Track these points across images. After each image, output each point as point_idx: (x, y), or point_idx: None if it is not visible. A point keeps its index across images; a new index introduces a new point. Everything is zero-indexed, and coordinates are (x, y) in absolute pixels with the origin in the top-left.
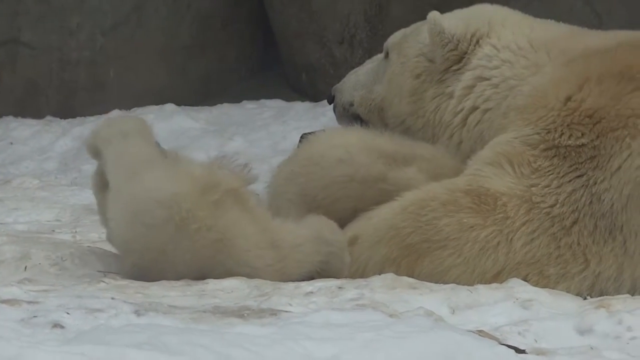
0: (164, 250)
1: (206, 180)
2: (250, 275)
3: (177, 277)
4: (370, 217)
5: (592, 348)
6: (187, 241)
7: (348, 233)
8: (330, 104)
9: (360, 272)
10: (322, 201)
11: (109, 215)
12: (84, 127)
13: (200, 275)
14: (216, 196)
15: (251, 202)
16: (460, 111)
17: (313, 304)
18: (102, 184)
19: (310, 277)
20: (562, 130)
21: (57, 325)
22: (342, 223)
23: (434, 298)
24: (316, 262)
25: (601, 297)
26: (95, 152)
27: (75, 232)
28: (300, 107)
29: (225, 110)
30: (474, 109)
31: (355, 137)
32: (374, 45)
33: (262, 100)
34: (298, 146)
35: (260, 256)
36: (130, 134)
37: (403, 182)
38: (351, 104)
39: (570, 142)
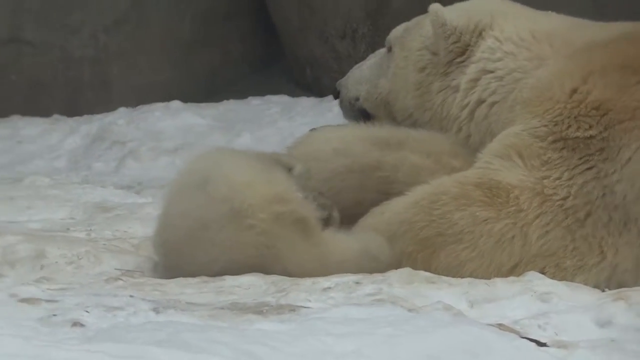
0: (208, 227)
1: (281, 192)
2: None
3: (205, 264)
4: (382, 212)
5: (613, 340)
6: (234, 230)
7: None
8: (335, 99)
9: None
10: (325, 194)
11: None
12: (91, 125)
13: (225, 271)
14: (281, 210)
15: (313, 227)
16: (467, 105)
17: (331, 299)
18: None
19: None
20: (569, 123)
21: (76, 323)
22: (346, 215)
23: (452, 292)
24: None
25: (619, 289)
26: None
27: (90, 230)
28: (306, 103)
29: (231, 107)
30: (481, 102)
31: (349, 129)
32: (376, 39)
33: (268, 96)
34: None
35: (302, 266)
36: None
37: (398, 164)
38: (357, 99)
39: (578, 134)
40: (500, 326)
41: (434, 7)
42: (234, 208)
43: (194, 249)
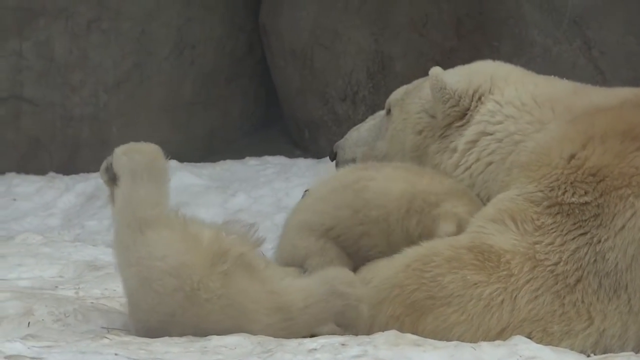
0: (173, 314)
1: (215, 249)
2: (256, 333)
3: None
4: (369, 280)
5: None
6: (196, 308)
7: None
8: (332, 160)
9: (365, 332)
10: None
11: (119, 268)
12: (87, 184)
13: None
14: (226, 267)
15: (260, 265)
16: (464, 164)
17: None
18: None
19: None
20: (565, 188)
21: None
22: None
23: (437, 355)
24: (329, 317)
25: (605, 355)
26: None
27: (78, 288)
28: (303, 164)
29: (228, 167)
30: (478, 161)
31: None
32: (376, 101)
33: (265, 157)
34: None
35: (268, 315)
36: (139, 173)
37: (448, 211)
38: (353, 161)
39: (573, 199)
40: None
41: (435, 70)
42: (187, 292)
43: (170, 332)
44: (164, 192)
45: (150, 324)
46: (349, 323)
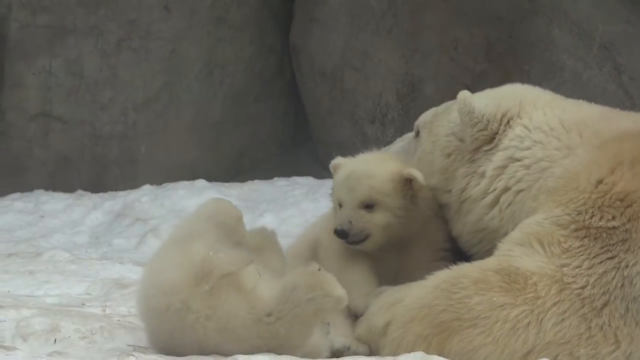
0: (172, 335)
1: (199, 268)
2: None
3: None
4: (401, 299)
5: None
6: (189, 330)
7: (379, 322)
8: None
9: (393, 350)
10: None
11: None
12: (115, 202)
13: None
14: (208, 286)
15: (248, 285)
16: (493, 191)
17: None
18: None
19: None
20: (592, 212)
21: None
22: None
23: None
24: (312, 318)
25: None
26: None
27: (105, 305)
28: (331, 185)
29: (256, 187)
30: (506, 189)
31: None
32: (405, 123)
33: (294, 178)
34: None
35: (266, 343)
36: (202, 216)
37: None
38: None
39: (601, 223)
40: None
41: (463, 94)
42: (175, 312)
43: (176, 350)
44: (208, 234)
45: (159, 342)
46: (331, 311)
